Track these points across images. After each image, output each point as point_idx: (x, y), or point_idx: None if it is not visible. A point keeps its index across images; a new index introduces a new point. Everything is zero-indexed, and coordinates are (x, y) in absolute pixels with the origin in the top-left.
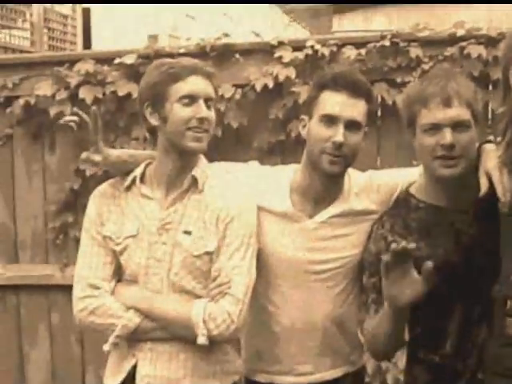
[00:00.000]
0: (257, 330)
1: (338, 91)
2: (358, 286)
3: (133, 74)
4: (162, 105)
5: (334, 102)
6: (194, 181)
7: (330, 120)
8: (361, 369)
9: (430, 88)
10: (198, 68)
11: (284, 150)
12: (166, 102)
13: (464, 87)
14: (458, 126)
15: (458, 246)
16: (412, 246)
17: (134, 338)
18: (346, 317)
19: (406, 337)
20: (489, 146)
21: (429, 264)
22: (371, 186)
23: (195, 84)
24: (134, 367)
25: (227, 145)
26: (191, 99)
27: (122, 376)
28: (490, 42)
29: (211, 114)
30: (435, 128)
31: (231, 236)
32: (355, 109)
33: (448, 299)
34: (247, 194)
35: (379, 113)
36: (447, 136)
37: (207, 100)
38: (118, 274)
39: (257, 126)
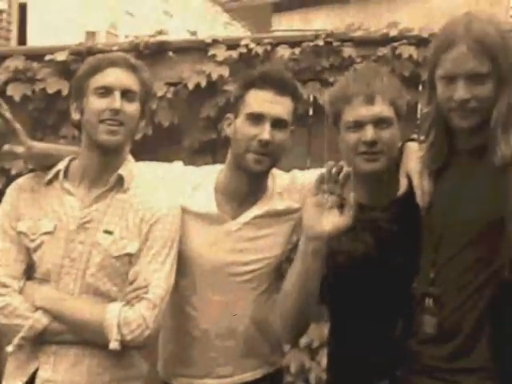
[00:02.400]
0: (176, 334)
1: (264, 89)
2: (279, 287)
3: (64, 71)
4: (81, 98)
5: (260, 100)
6: (120, 180)
7: (256, 118)
8: (280, 369)
9: (353, 86)
10: (118, 60)
11: (215, 149)
12: (85, 95)
13: (388, 85)
14: (380, 122)
15: (378, 242)
16: (348, 170)
17: (40, 341)
18: (267, 318)
19: (326, 335)
20: (412, 145)
21: (352, 194)
22: (294, 186)
23: (112, 75)
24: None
25: (157, 144)
26: (106, 91)
27: (23, 380)
28: (422, 42)
29: (129, 107)
30: (358, 125)
31: (154, 239)
32: (281, 107)
33: (367, 295)
34: (172, 195)
35: (311, 112)
36: (369, 132)
37: (126, 92)
38: (30, 272)
39: (188, 125)
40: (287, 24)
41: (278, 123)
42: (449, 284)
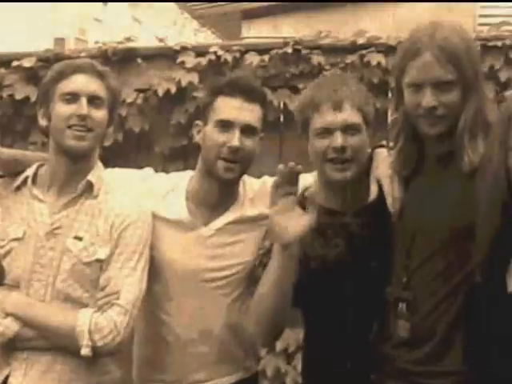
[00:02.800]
0: (150, 339)
1: (233, 96)
2: (252, 292)
3: (32, 77)
4: (48, 104)
5: (229, 107)
6: (89, 186)
7: (225, 125)
8: (255, 374)
9: (321, 93)
10: (84, 66)
11: (186, 155)
12: (51, 101)
13: (355, 92)
14: (348, 129)
15: (350, 247)
16: (299, 167)
17: (11, 347)
18: (241, 323)
19: (301, 339)
20: (381, 151)
21: (312, 190)
22: (265, 192)
23: (78, 82)
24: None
25: (128, 150)
26: (73, 97)
27: None
28: (390, 50)
29: (96, 113)
30: (327, 132)
31: (124, 244)
32: (251, 114)
33: (341, 300)
34: (142, 201)
35: (281, 119)
36: (338, 139)
37: (93, 98)
38: (0, 279)
39: (159, 131)
40: (257, 31)
41: (247, 130)
42: (421, 288)
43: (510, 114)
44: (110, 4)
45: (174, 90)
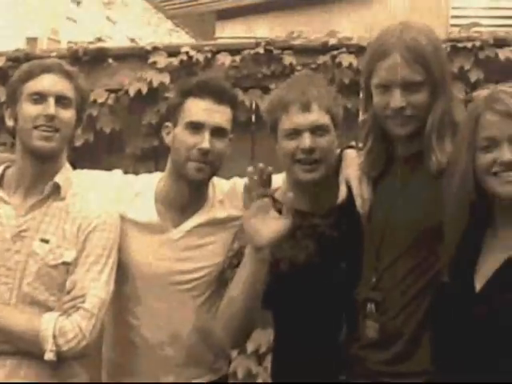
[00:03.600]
0: (118, 342)
1: (202, 98)
2: (221, 295)
3: (1, 77)
4: (15, 104)
5: (199, 109)
6: (57, 188)
7: (195, 127)
8: (225, 375)
9: (289, 94)
10: (52, 66)
11: (158, 155)
12: (18, 102)
13: (323, 93)
14: (317, 130)
15: (319, 248)
16: (269, 169)
17: None
18: (210, 326)
19: (272, 339)
20: (350, 152)
21: (289, 195)
22: (235, 193)
23: (46, 82)
24: None
25: (99, 150)
26: (40, 97)
27: None
28: (361, 51)
29: (64, 113)
30: (295, 133)
31: (91, 247)
32: (220, 115)
33: (310, 301)
34: (110, 203)
35: (253, 119)
36: (306, 140)
37: (61, 98)
38: None
39: (130, 132)
40: (231, 31)
41: (217, 132)
42: (390, 289)
43: (478, 114)
44: (83, 4)
45: (145, 90)
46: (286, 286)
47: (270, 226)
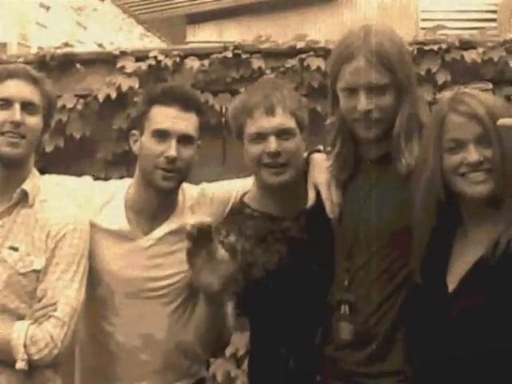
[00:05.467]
0: (93, 349)
1: (168, 105)
2: (194, 301)
3: None
4: None
5: (164, 117)
6: (25, 195)
7: (161, 135)
8: (202, 379)
9: (253, 98)
10: (18, 72)
11: (129, 160)
12: None
13: (288, 96)
14: (282, 133)
15: (291, 252)
16: (207, 220)
17: None
18: (184, 332)
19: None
20: (318, 156)
21: (231, 239)
22: (204, 199)
23: (11, 87)
24: None
25: (70, 156)
26: (6, 103)
27: None
28: (329, 54)
29: (30, 119)
30: (260, 137)
31: (61, 255)
32: (187, 123)
33: (285, 305)
34: (80, 210)
35: (223, 123)
36: (272, 144)
37: (27, 104)
38: None
39: (100, 137)
40: (202, 36)
41: (184, 139)
42: (363, 290)
43: (442, 116)
44: (53, 9)
45: (114, 95)
46: (260, 291)
47: (219, 270)
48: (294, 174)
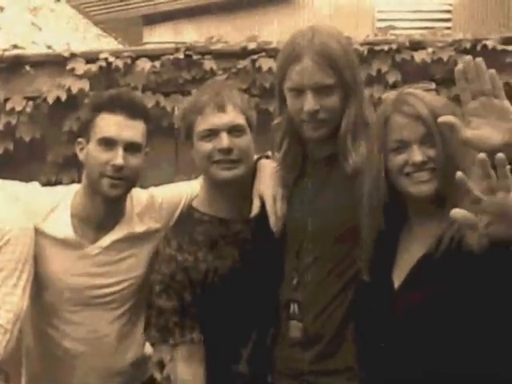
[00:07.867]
0: (40, 354)
1: (114, 113)
2: (142, 306)
3: None
4: None
5: (111, 125)
6: None
7: (108, 143)
8: (149, 379)
9: (204, 96)
10: None
11: (80, 163)
12: None
13: (237, 95)
14: (233, 130)
15: (243, 254)
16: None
17: None
18: (131, 337)
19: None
20: (265, 163)
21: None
22: (153, 205)
23: None
24: None
25: (20, 159)
26: None
27: None
28: None
29: None
30: (211, 133)
31: (4, 262)
32: (134, 130)
33: (237, 307)
34: (24, 216)
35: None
36: (224, 140)
37: None
38: None
39: (51, 140)
40: (159, 36)
41: (131, 147)
42: (311, 289)
43: (386, 116)
44: (7, 10)
45: (64, 97)
46: (213, 295)
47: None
48: (245, 170)
